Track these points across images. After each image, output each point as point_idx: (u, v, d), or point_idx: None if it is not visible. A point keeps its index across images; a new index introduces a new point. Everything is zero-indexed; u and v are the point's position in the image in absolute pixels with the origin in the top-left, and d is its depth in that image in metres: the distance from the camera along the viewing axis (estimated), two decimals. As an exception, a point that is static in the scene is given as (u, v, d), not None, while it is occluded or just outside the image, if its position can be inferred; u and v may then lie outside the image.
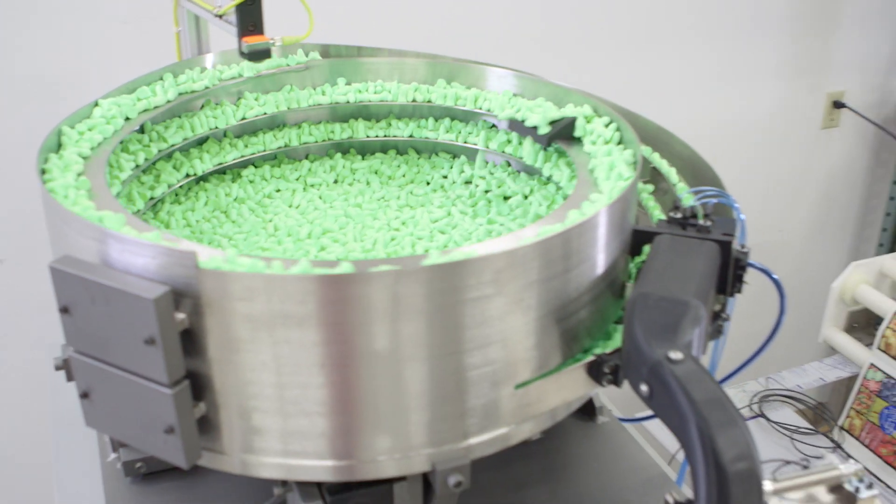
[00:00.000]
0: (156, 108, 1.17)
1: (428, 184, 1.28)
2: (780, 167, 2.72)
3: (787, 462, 1.70)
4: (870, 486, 0.91)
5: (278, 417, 0.80)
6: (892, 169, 2.82)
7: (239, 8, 1.13)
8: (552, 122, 1.16)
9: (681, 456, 1.28)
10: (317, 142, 1.30)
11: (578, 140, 1.14)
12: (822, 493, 0.92)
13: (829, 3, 2.58)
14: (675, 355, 0.78)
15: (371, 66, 1.33)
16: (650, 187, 1.17)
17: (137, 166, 1.11)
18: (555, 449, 1.18)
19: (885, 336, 1.89)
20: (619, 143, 1.11)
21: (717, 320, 0.99)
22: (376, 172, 1.30)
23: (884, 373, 1.88)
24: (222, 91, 1.24)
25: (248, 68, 1.24)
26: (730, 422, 0.74)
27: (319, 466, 0.83)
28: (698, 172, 1.15)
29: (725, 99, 2.55)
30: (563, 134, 1.16)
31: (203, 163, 1.21)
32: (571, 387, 0.90)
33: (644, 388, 0.80)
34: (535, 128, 1.17)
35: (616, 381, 0.91)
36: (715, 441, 0.73)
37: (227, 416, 0.81)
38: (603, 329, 0.96)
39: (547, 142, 1.16)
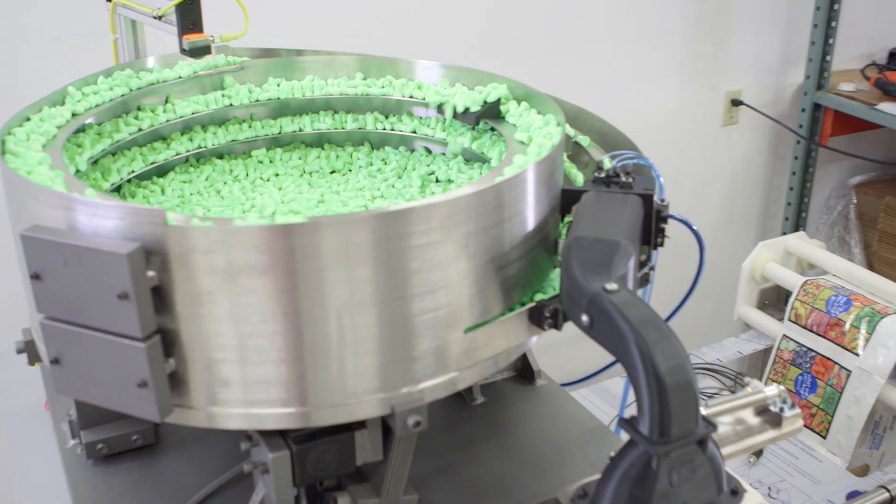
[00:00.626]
0: (163, 82, 1.25)
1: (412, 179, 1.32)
2: (686, 164, 2.86)
3: (718, 392, 1.80)
4: (792, 407, 0.99)
5: (239, 367, 0.85)
6: (789, 162, 2.99)
7: (179, 7, 1.19)
8: (483, 104, 1.23)
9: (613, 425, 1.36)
10: (328, 130, 1.35)
11: (504, 119, 1.22)
12: (749, 416, 1.01)
13: (723, 7, 2.74)
14: (611, 286, 0.86)
15: (305, 64, 1.38)
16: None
17: (140, 130, 1.19)
18: (498, 410, 1.25)
19: (794, 307, 2.01)
20: (544, 118, 1.19)
21: (644, 268, 1.08)
22: (371, 164, 1.34)
23: (796, 342, 2.00)
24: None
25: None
26: (665, 338, 0.82)
27: (280, 414, 0.87)
28: (615, 144, 1.24)
29: (631, 100, 2.68)
30: (489, 113, 1.23)
31: (217, 137, 1.28)
32: (515, 332, 0.97)
33: (585, 318, 0.87)
34: (465, 110, 1.25)
35: (556, 325, 0.98)
36: (653, 355, 0.80)
37: (194, 370, 0.85)
38: (540, 281, 1.03)
39: (475, 120, 1.24)
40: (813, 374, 1.94)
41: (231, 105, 1.30)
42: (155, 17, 1.23)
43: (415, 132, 1.34)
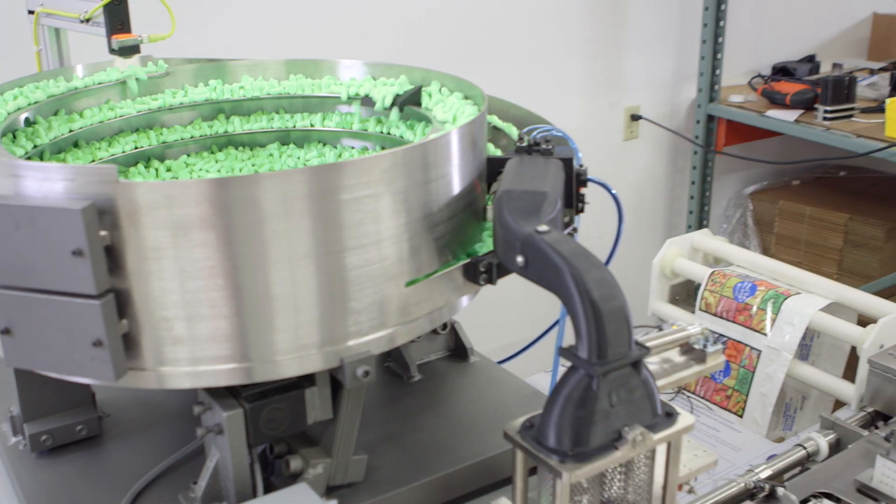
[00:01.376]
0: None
1: None
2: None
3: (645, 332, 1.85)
4: (714, 343, 1.06)
5: (186, 324, 0.88)
6: (688, 172, 3.13)
7: (107, 8, 1.22)
8: (401, 94, 1.29)
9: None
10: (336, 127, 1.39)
11: (425, 106, 1.28)
12: (675, 355, 1.08)
13: (618, 28, 2.88)
14: (542, 228, 0.92)
15: (234, 68, 1.42)
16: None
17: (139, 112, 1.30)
18: (435, 385, 1.29)
19: (704, 297, 2.11)
20: (465, 98, 1.26)
21: (567, 229, 1.14)
22: None
23: (708, 330, 2.09)
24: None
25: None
26: (596, 266, 0.88)
27: (225, 370, 0.90)
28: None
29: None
30: (412, 100, 1.29)
31: (230, 126, 1.36)
32: (451, 288, 1.02)
33: (520, 259, 0.93)
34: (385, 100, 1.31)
35: (491, 279, 1.03)
36: (586, 283, 0.86)
37: (145, 330, 0.88)
38: (471, 244, 1.08)
39: (400, 107, 1.29)
40: (726, 358, 2.03)
41: (245, 97, 1.38)
42: (82, 21, 1.26)
43: (389, 133, 1.37)
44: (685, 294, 2.35)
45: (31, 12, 1.39)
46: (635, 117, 2.97)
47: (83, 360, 0.86)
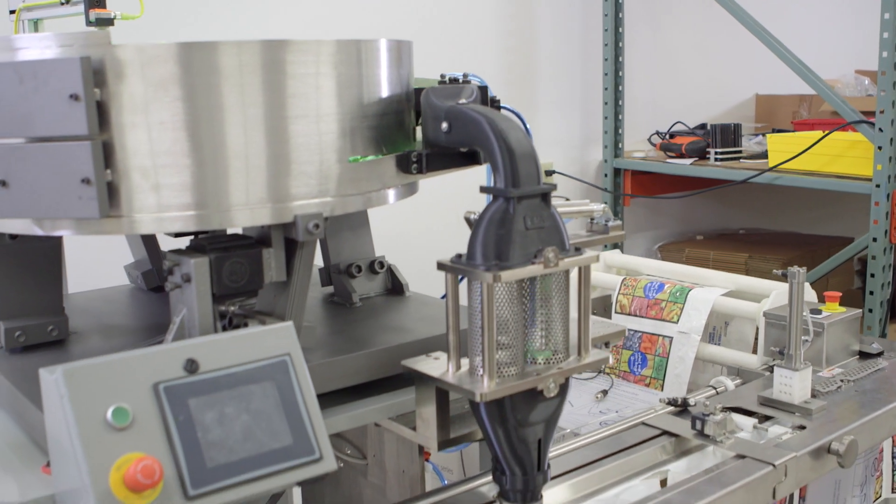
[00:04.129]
0: None
1: None
2: (513, 232, 3.17)
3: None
4: (615, 220, 1.24)
5: (155, 173, 1.03)
6: (601, 227, 3.36)
7: (85, -14, 1.39)
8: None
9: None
10: None
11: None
12: (582, 232, 1.25)
13: (530, 91, 3.15)
14: (462, 101, 1.11)
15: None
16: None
17: None
18: (375, 308, 1.43)
19: (618, 301, 2.29)
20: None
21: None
22: None
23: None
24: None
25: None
26: (513, 125, 1.07)
27: (185, 216, 1.05)
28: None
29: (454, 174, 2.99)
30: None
31: None
32: (386, 175, 1.19)
33: (444, 125, 1.11)
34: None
35: (421, 169, 1.20)
36: (502, 130, 1.05)
37: (122, 180, 1.02)
38: (400, 149, 1.24)
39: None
40: (642, 351, 2.20)
41: None
42: (62, 4, 1.42)
43: None
44: (601, 309, 2.53)
45: (12, 12, 1.56)
46: (549, 173, 3.21)
47: (71, 200, 1.00)
